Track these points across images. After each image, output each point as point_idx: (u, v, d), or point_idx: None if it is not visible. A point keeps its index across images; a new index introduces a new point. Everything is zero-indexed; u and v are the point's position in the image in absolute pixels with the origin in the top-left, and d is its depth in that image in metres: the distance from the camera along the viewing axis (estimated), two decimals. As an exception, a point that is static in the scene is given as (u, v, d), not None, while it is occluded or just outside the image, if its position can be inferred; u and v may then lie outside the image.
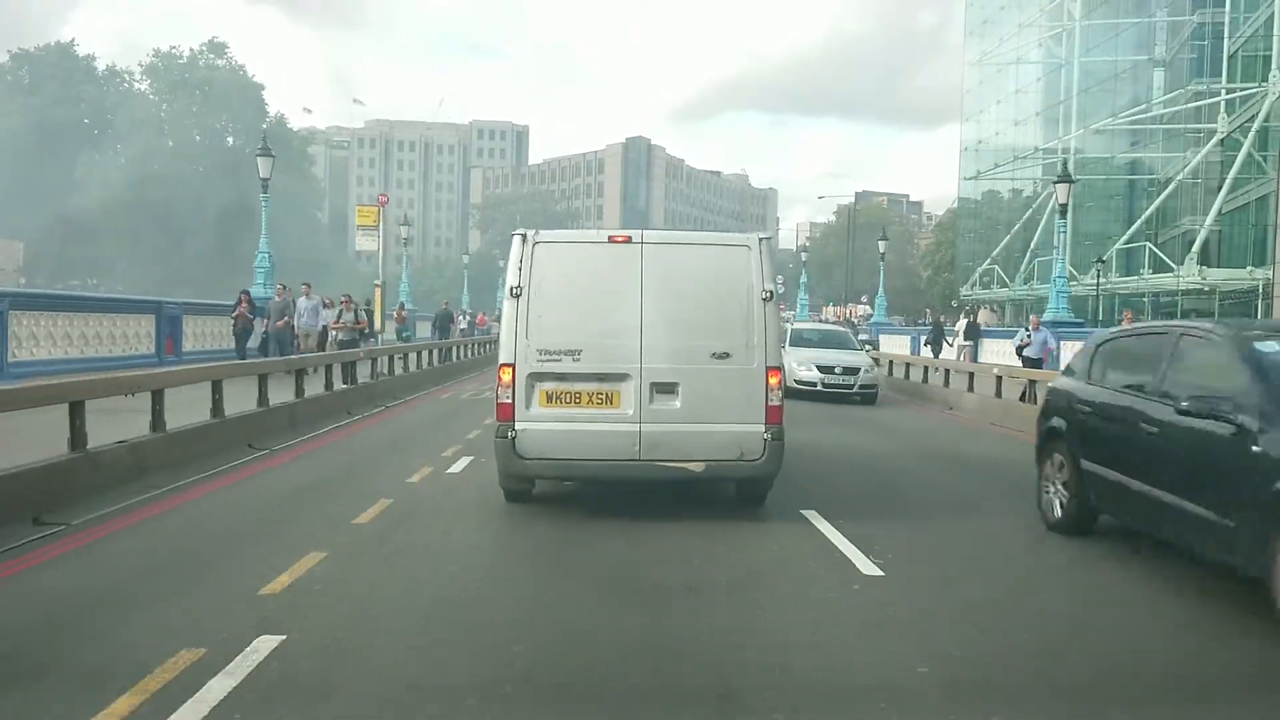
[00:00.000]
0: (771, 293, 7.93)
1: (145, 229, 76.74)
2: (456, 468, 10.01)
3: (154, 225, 76.69)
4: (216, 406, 10.30)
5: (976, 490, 10.11)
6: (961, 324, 30.87)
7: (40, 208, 74.98)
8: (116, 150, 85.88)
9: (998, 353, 30.41)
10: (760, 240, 8.07)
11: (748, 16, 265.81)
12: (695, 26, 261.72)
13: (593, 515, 8.16)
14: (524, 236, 7.96)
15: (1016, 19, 57.18)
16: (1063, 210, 25.72)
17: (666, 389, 7.75)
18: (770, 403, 7.80)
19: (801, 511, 7.95)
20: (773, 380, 7.82)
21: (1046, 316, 26.50)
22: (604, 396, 7.77)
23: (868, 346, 28.83)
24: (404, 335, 39.53)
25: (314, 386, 14.18)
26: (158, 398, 9.15)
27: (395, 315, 43.59)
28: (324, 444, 11.90)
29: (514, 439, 7.75)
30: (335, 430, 13.14)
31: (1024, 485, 8.51)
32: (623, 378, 7.73)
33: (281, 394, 12.74)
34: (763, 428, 7.77)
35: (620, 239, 8.00)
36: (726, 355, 7.78)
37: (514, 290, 7.82)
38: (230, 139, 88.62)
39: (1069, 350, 24.14)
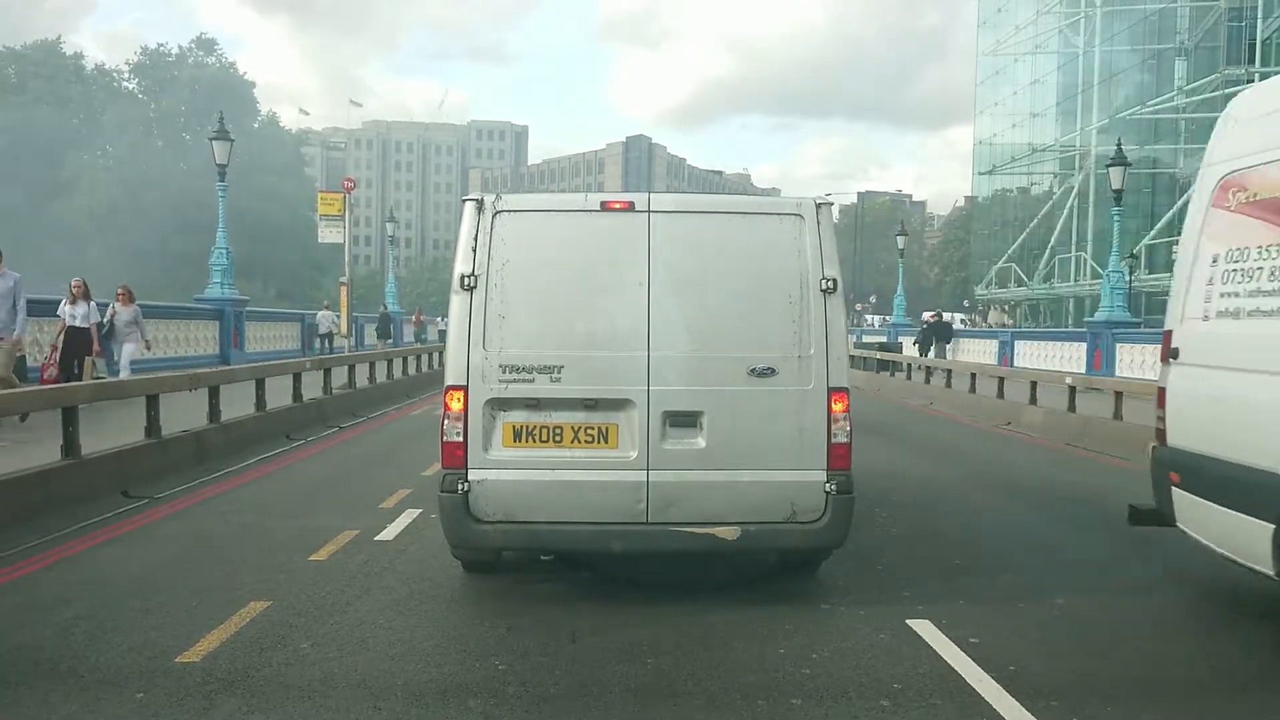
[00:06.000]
0: (835, 282, 5.54)
1: (133, 230, 74.92)
2: (391, 530, 7.37)
3: (142, 226, 74.87)
4: (69, 440, 7.85)
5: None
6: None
7: (27, 209, 73.11)
8: (105, 150, 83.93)
9: (1031, 356, 28.07)
10: (817, 206, 5.66)
11: (750, 19, 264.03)
12: (697, 29, 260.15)
13: (579, 600, 5.84)
14: (480, 203, 5.57)
15: (1033, 6, 54.78)
16: (1117, 197, 23.21)
17: (685, 421, 5.45)
18: (835, 440, 5.49)
19: (909, 623, 5.40)
20: (837, 407, 5.49)
21: (1100, 316, 23.96)
22: (596, 432, 5.46)
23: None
24: (420, 339, 37.64)
25: (242, 405, 11.78)
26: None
27: (414, 319, 41.54)
28: (230, 486, 9.36)
29: (467, 494, 5.41)
30: (261, 464, 10.68)
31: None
32: (622, 405, 5.43)
33: (193, 416, 10.28)
34: (823, 475, 5.47)
35: (619, 205, 5.61)
36: (771, 372, 5.46)
37: (465, 280, 5.45)
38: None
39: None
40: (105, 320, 14.76)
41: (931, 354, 29.15)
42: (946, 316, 37.48)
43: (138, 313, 15.51)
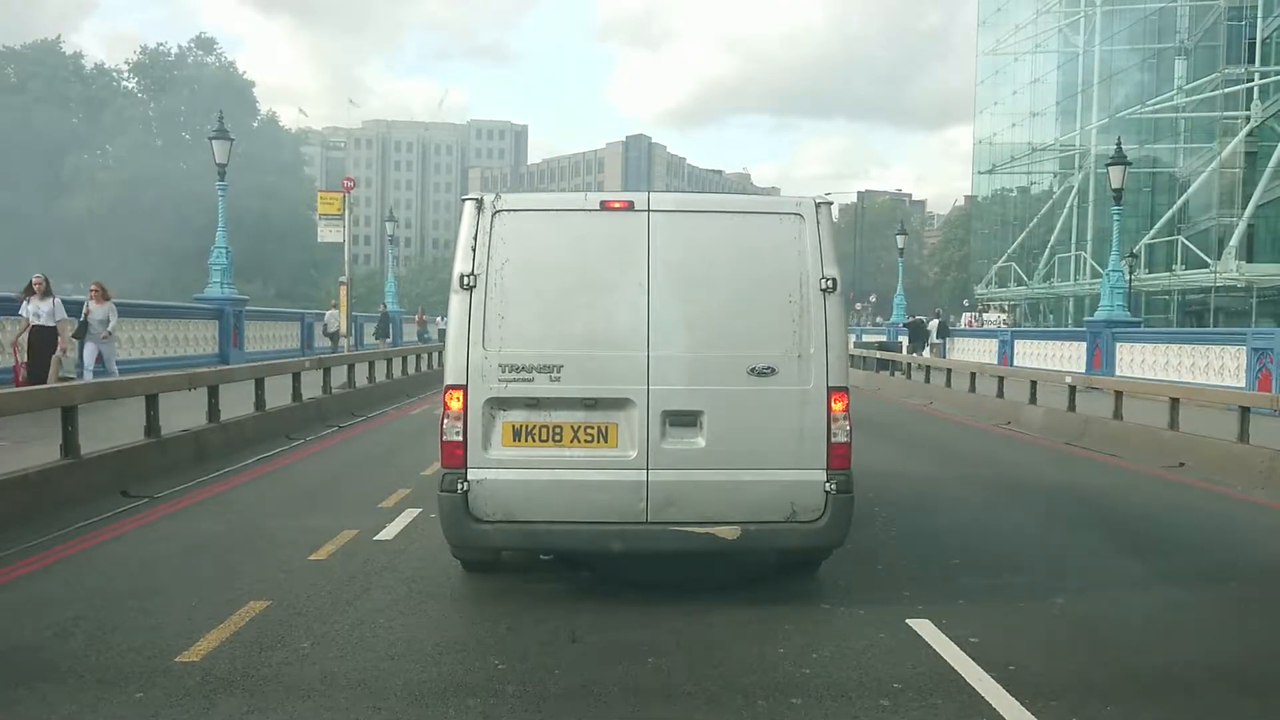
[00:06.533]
0: (834, 281, 5.54)
1: (134, 230, 74.92)
2: (391, 530, 7.39)
3: (142, 226, 74.86)
4: (68, 440, 7.85)
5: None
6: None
7: (26, 209, 73.11)
8: (105, 150, 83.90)
9: (1031, 355, 28.09)
10: (817, 206, 5.65)
11: (751, 20, 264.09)
12: (698, 29, 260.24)
13: (576, 600, 5.82)
14: (479, 202, 5.57)
15: (1033, 6, 54.76)
16: (1117, 196, 23.18)
17: (685, 420, 5.44)
18: (834, 439, 5.48)
19: (909, 622, 5.40)
20: (837, 406, 5.49)
21: (1099, 315, 23.94)
22: (595, 432, 5.45)
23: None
24: (424, 338, 37.71)
25: (241, 405, 11.77)
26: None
27: (417, 319, 41.63)
28: (230, 486, 9.35)
29: (466, 493, 5.40)
30: (260, 464, 10.67)
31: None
32: (622, 404, 5.43)
33: (192, 415, 10.27)
34: (823, 475, 5.47)
35: (619, 204, 5.61)
36: (770, 371, 5.45)
37: (465, 280, 5.45)
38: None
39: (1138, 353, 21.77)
40: (80, 319, 14.23)
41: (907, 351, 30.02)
42: (936, 317, 37.48)
43: (112, 310, 14.70)
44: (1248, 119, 40.60)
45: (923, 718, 4.17)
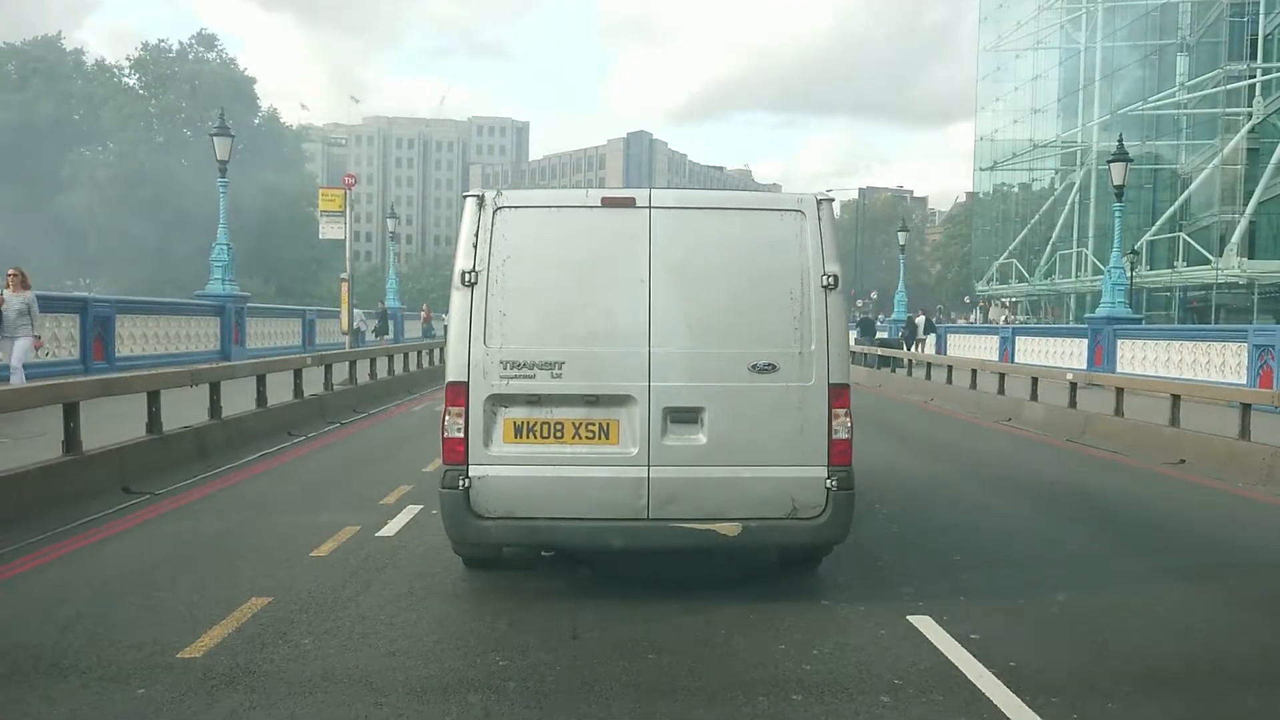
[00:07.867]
0: (835, 278, 5.53)
1: (134, 226, 74.85)
2: (393, 526, 7.41)
3: (143, 222, 74.78)
4: (70, 437, 7.86)
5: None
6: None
7: (26, 205, 73.04)
8: (106, 146, 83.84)
9: (1032, 352, 28.08)
10: (818, 202, 5.65)
11: (754, 17, 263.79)
12: (701, 26, 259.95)
13: (575, 598, 5.82)
14: (480, 199, 5.57)
15: (1034, 2, 54.66)
16: (1118, 192, 23.13)
17: (686, 417, 5.44)
18: (835, 436, 5.48)
19: (909, 619, 5.40)
20: (838, 403, 5.50)
21: (1101, 311, 23.93)
22: (596, 428, 5.45)
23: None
24: (430, 335, 37.84)
25: (241, 402, 11.77)
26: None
27: (423, 316, 41.77)
28: (232, 482, 9.35)
29: (468, 490, 5.40)
30: (262, 460, 10.69)
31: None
32: (623, 401, 5.43)
33: (194, 411, 10.28)
34: (824, 471, 5.46)
35: (620, 201, 5.61)
36: (772, 368, 5.45)
37: (466, 277, 5.44)
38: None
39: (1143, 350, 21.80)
40: None
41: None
42: (923, 314, 38.80)
43: (31, 301, 12.94)
44: (1249, 115, 40.55)
45: (923, 714, 4.17)
